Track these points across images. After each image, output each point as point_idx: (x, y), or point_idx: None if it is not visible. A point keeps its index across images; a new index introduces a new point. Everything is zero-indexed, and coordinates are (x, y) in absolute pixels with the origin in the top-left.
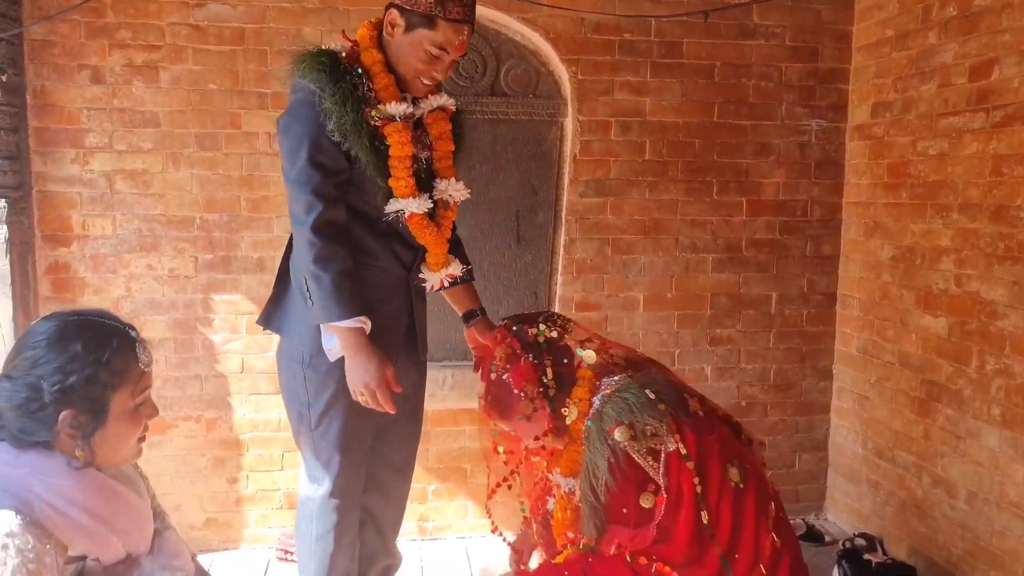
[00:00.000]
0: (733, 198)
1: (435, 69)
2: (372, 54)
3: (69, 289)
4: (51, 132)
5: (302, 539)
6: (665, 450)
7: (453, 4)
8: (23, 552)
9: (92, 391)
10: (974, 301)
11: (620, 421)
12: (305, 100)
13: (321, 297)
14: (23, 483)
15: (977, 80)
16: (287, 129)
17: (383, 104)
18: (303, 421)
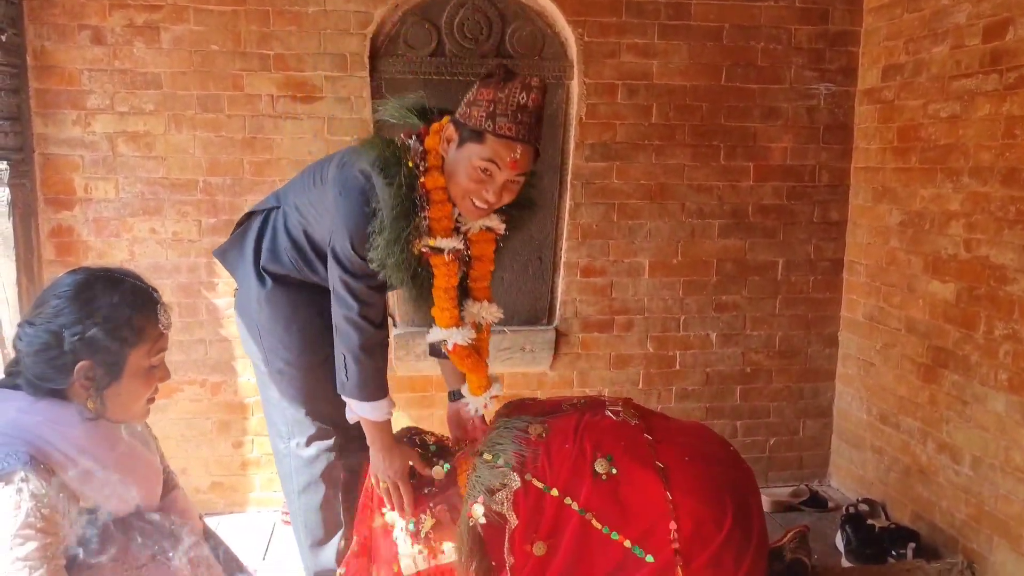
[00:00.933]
0: (740, 163)
1: (485, 189)
2: (435, 177)
3: (72, 252)
4: (52, 93)
5: (289, 496)
6: (510, 491)
7: (504, 119)
8: (37, 497)
9: (111, 345)
10: (983, 266)
11: (473, 502)
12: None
13: (360, 378)
14: (38, 431)
15: (991, 41)
16: (339, 207)
17: (434, 236)
18: (267, 378)
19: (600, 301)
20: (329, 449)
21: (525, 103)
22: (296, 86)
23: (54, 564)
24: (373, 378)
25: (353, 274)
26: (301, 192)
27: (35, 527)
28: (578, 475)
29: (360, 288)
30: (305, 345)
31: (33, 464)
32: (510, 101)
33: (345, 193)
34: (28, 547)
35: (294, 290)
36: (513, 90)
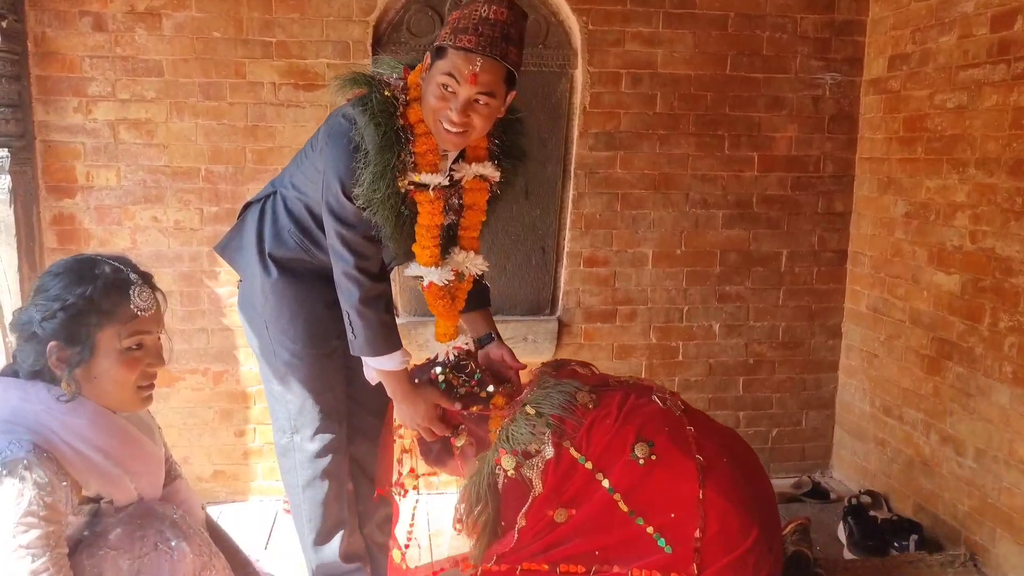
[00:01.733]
0: (745, 153)
1: (449, 107)
2: (417, 110)
3: (74, 240)
4: (53, 80)
5: (291, 492)
6: (543, 459)
7: (464, 33)
8: (40, 485)
9: (74, 325)
10: (989, 258)
11: (504, 451)
12: (345, 144)
13: (367, 333)
14: (41, 420)
15: (999, 31)
16: (326, 156)
17: (419, 171)
18: (272, 369)
19: (603, 291)
20: (334, 443)
21: (487, 15)
22: (298, 74)
23: (57, 552)
24: (380, 332)
25: (347, 223)
26: (296, 169)
27: (38, 515)
28: (615, 453)
29: (355, 239)
30: (311, 335)
31: (36, 452)
32: (472, 15)
33: (331, 140)
34: (31, 535)
35: (300, 280)
36: (477, 5)
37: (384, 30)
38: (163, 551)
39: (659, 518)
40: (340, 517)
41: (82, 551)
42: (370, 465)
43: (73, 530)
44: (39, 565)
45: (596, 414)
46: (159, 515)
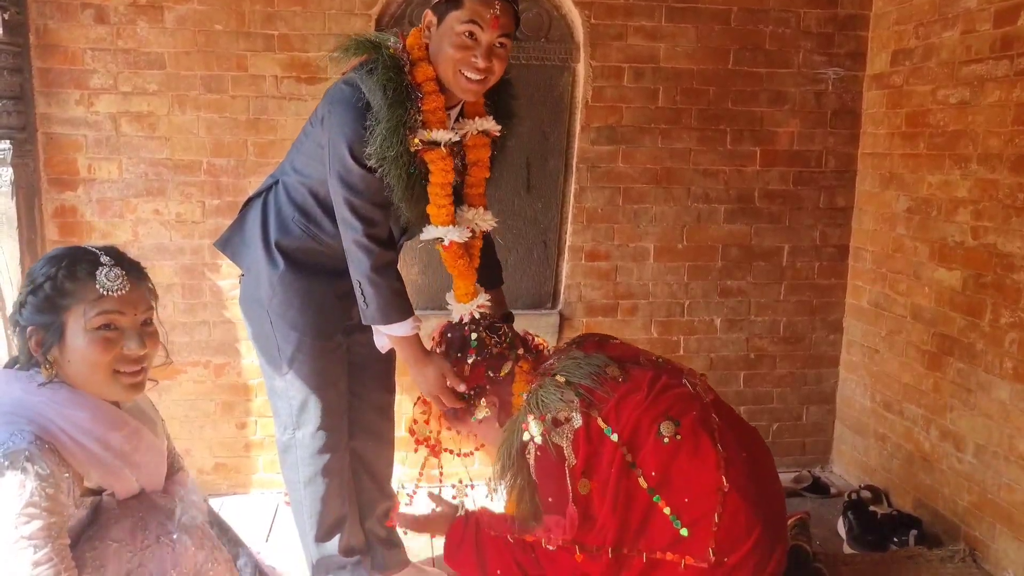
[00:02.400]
0: (747, 147)
1: (473, 55)
2: (426, 69)
3: (76, 233)
4: (55, 73)
5: (293, 488)
6: (572, 428)
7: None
8: (41, 476)
9: (43, 306)
10: (990, 254)
11: (532, 415)
12: (353, 104)
13: (379, 301)
14: (43, 411)
15: (1002, 26)
16: (332, 123)
17: (428, 128)
18: (275, 365)
19: (604, 285)
20: (335, 440)
21: None
22: (300, 67)
23: (58, 543)
24: (391, 300)
25: (355, 190)
26: (296, 153)
27: (40, 506)
28: (641, 429)
29: (364, 206)
30: (320, 327)
31: (38, 444)
32: None
33: (334, 106)
34: (33, 526)
35: (308, 271)
36: None
37: (386, 23)
38: (165, 543)
39: (675, 499)
40: (341, 513)
41: (84, 543)
42: (372, 460)
43: (75, 522)
44: (41, 556)
45: (626, 388)
46: (161, 507)
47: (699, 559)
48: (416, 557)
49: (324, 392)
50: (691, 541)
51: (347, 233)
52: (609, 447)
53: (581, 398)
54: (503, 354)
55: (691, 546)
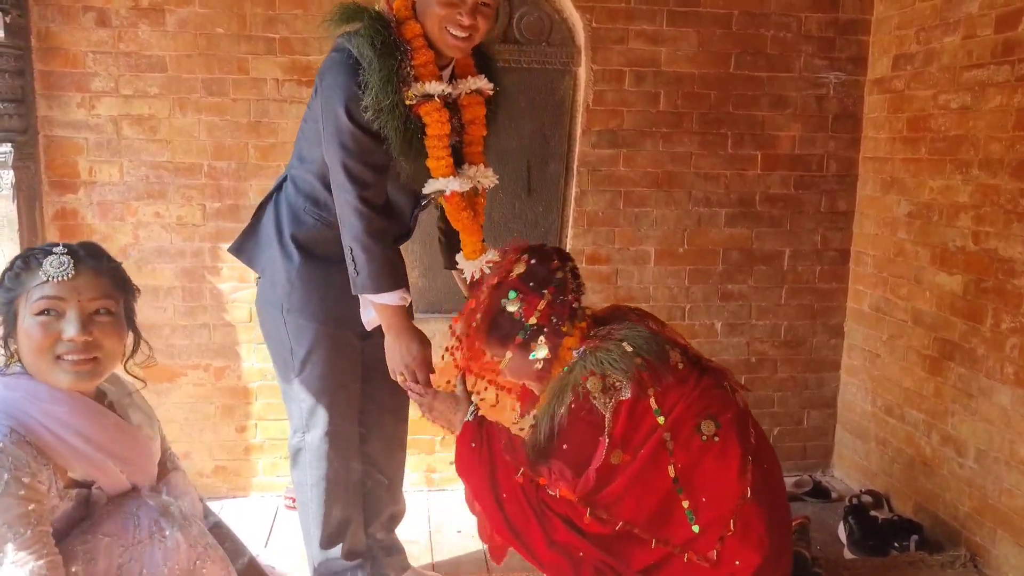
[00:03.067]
0: (748, 151)
1: (459, 13)
2: (413, 26)
3: (77, 236)
4: (56, 76)
5: (301, 489)
6: (618, 397)
7: None
8: (17, 467)
9: (3, 297)
10: (991, 259)
11: (593, 372)
12: (344, 63)
13: (370, 268)
14: (19, 406)
15: (1003, 31)
16: (324, 87)
17: (421, 82)
18: (288, 367)
19: (605, 289)
20: (346, 443)
21: None
22: (301, 70)
23: (39, 529)
24: (384, 267)
25: (348, 150)
26: (298, 145)
27: (16, 495)
28: (684, 421)
29: (357, 167)
30: (339, 316)
31: (13, 436)
32: None
33: (325, 74)
34: (11, 513)
35: (324, 263)
36: None
37: None
38: (157, 539)
39: (695, 497)
40: (346, 517)
41: (75, 537)
42: (384, 464)
43: (63, 514)
44: (22, 542)
45: (679, 376)
46: (154, 504)
47: (702, 558)
48: (417, 562)
49: (336, 394)
50: (700, 539)
51: (340, 196)
52: (648, 427)
53: (640, 371)
54: (573, 303)
55: (698, 544)
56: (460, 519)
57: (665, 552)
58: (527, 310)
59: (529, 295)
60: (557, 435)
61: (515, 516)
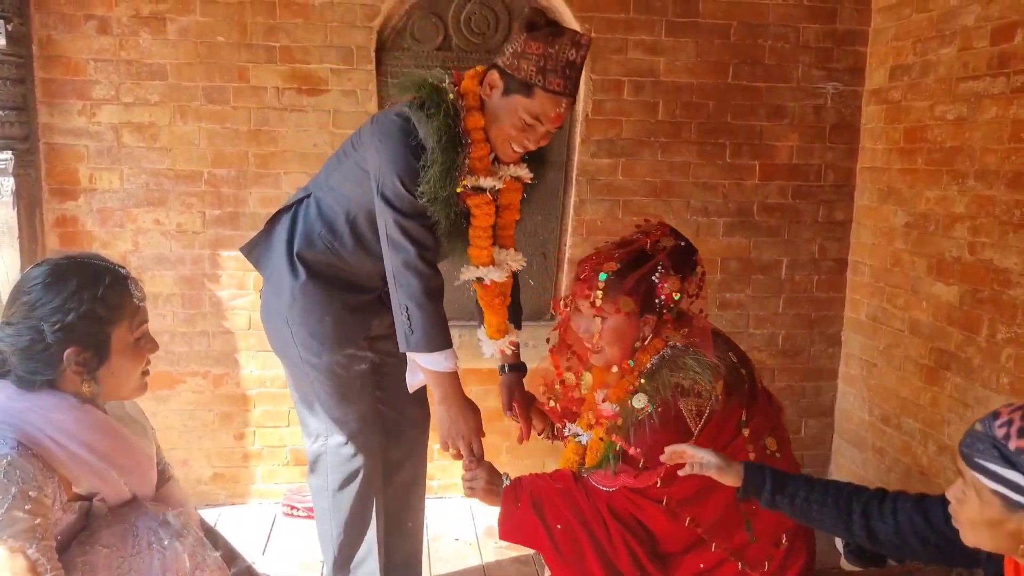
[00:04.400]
0: (746, 161)
1: (527, 138)
2: (476, 118)
3: (76, 243)
4: (57, 83)
5: (319, 495)
6: (710, 409)
7: (554, 76)
8: (24, 480)
9: (92, 327)
10: (987, 269)
11: (683, 376)
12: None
13: (426, 326)
14: (26, 417)
15: (999, 44)
16: (383, 150)
17: (475, 175)
18: (299, 373)
19: None
20: (364, 451)
21: (574, 59)
22: (302, 78)
23: (44, 544)
24: (438, 325)
25: (406, 214)
26: (333, 171)
27: (23, 508)
28: (759, 434)
29: (416, 229)
30: (339, 336)
31: (20, 449)
32: (560, 57)
33: (385, 138)
34: (17, 527)
35: (327, 283)
36: (564, 46)
37: (388, 35)
38: (156, 549)
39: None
40: (364, 529)
41: (74, 548)
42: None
43: (65, 527)
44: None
45: (755, 391)
46: (152, 514)
47: (755, 570)
48: None
49: (351, 403)
50: (753, 550)
51: (397, 256)
52: (729, 435)
53: (727, 381)
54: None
55: (750, 553)
56: (458, 527)
57: (721, 557)
58: (659, 289)
59: (667, 275)
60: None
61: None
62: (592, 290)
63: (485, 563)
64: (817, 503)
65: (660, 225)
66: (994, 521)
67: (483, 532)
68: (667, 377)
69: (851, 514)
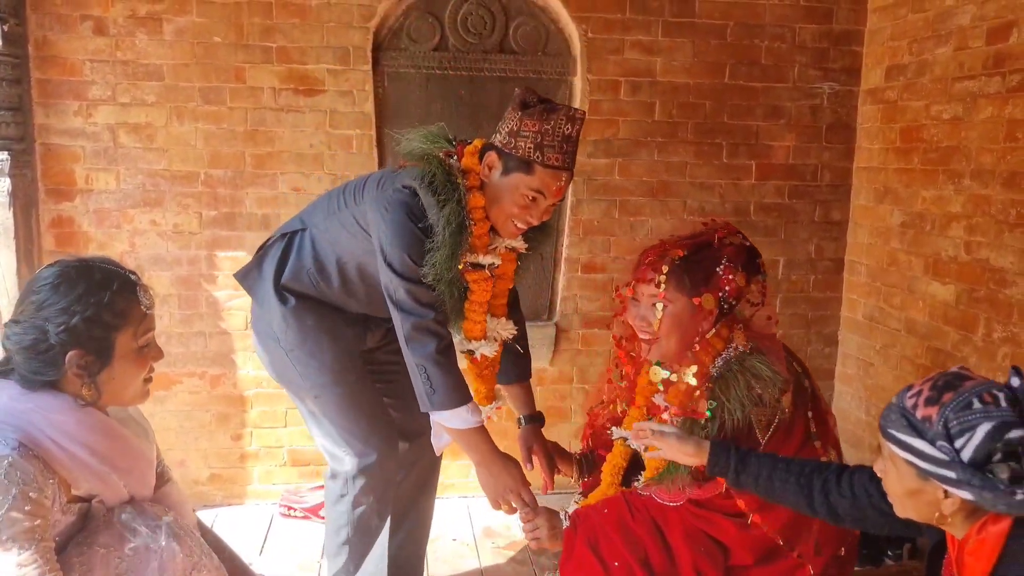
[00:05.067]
0: (743, 161)
1: (530, 214)
2: (477, 198)
3: (73, 244)
4: (54, 84)
5: (334, 503)
6: (778, 418)
7: (552, 151)
8: (25, 482)
9: (96, 331)
10: (983, 268)
11: (754, 381)
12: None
13: (446, 382)
14: (28, 418)
15: (994, 43)
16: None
17: (475, 252)
18: (302, 392)
19: (601, 297)
20: (384, 458)
21: (570, 134)
22: (298, 79)
23: (42, 545)
24: (458, 380)
25: (415, 281)
26: (329, 215)
27: (23, 510)
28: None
29: (426, 294)
30: (339, 354)
31: (22, 450)
32: (556, 132)
33: (392, 211)
34: (16, 528)
35: (316, 304)
36: (559, 122)
37: (384, 36)
38: (153, 550)
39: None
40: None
41: (72, 548)
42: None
43: (64, 528)
44: (25, 557)
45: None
46: (149, 514)
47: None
48: None
49: (362, 414)
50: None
51: (408, 320)
52: (795, 446)
53: (794, 391)
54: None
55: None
56: (456, 528)
57: (795, 563)
58: (731, 282)
59: (738, 271)
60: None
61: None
62: (657, 273)
63: (483, 564)
64: (780, 480)
65: (727, 224)
66: (912, 491)
67: (481, 533)
68: (740, 389)
69: (812, 490)
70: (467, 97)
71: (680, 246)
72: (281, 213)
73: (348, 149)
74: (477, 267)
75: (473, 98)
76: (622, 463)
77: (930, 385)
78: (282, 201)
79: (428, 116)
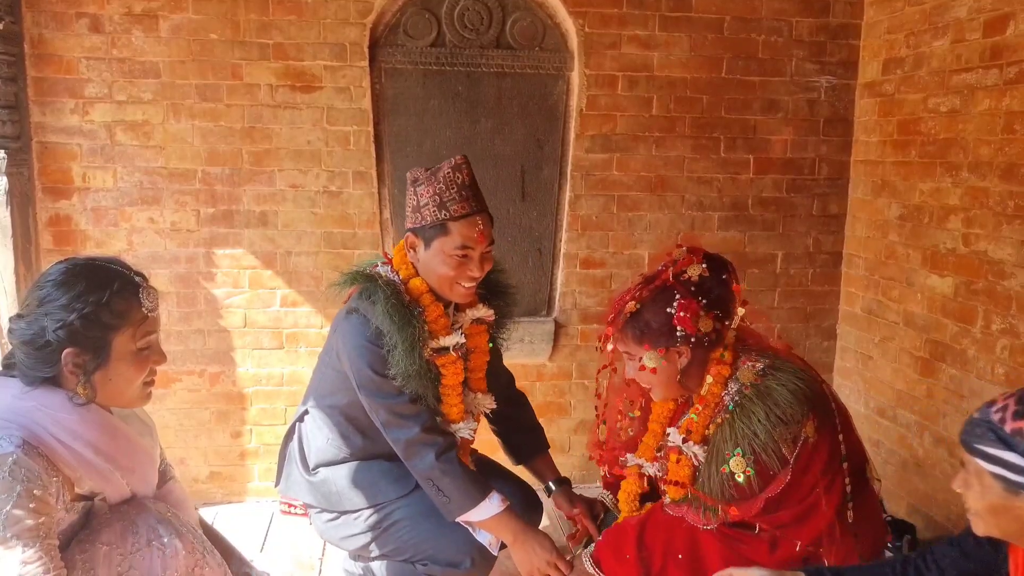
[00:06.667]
0: (740, 155)
1: (468, 270)
2: (419, 284)
3: (70, 242)
4: (50, 82)
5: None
6: (803, 437)
7: (454, 203)
8: (29, 479)
9: (92, 330)
10: (981, 261)
11: (771, 406)
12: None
13: (457, 486)
14: (33, 417)
15: (991, 36)
16: (349, 349)
17: (436, 337)
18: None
19: (599, 293)
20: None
21: (463, 180)
22: (295, 75)
23: (47, 543)
24: (469, 477)
25: (392, 397)
26: (320, 384)
27: (27, 507)
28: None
29: (407, 407)
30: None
31: (26, 448)
32: (450, 185)
33: (347, 337)
34: (21, 526)
35: (342, 466)
36: (447, 175)
37: (381, 32)
38: (156, 547)
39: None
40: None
41: (75, 545)
42: None
43: (67, 526)
44: (29, 554)
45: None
46: (152, 512)
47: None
48: None
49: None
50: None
51: (400, 440)
52: (820, 466)
53: (815, 411)
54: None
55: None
56: None
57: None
58: (684, 320)
59: (692, 305)
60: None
61: None
62: (616, 330)
63: None
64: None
65: (690, 252)
66: (998, 507)
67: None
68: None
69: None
70: (464, 93)
71: (635, 296)
72: (279, 210)
73: (346, 146)
74: (442, 351)
75: (470, 94)
76: (637, 490)
77: (1016, 399)
78: (280, 198)
79: (425, 112)
